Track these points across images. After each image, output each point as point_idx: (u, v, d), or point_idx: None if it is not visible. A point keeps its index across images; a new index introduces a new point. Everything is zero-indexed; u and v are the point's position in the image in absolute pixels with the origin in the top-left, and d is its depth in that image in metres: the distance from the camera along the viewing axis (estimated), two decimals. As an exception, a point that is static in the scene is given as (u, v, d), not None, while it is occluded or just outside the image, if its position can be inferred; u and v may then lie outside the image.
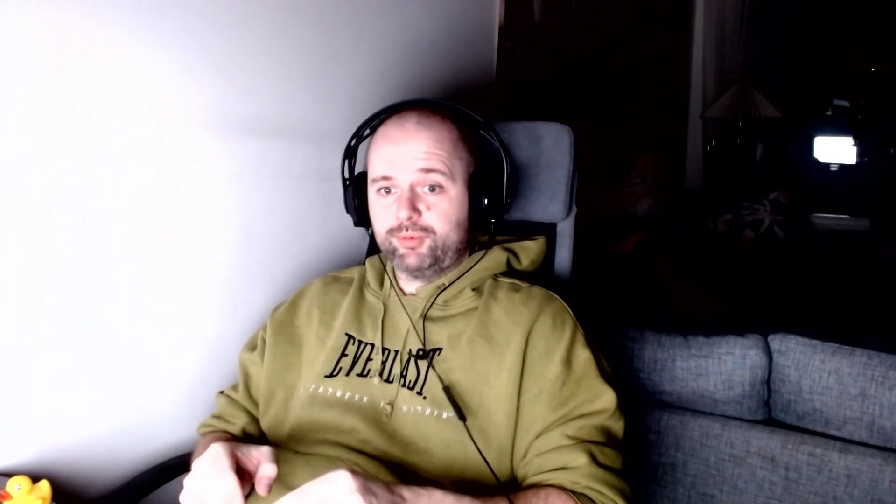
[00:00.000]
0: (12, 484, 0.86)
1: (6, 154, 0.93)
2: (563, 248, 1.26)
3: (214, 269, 1.23)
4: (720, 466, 1.25)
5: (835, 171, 5.41)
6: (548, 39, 2.48)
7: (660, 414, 1.32)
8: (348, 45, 1.43)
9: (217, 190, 1.22)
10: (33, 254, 0.98)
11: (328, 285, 1.16)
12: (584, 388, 0.96)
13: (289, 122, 1.33)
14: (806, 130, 5.55)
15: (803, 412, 1.22)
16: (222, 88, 1.19)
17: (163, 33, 1.09)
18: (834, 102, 5.76)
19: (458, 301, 1.05)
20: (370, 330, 1.07)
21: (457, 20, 1.78)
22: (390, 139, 1.02)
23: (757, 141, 4.12)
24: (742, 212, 3.08)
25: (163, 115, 1.11)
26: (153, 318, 1.14)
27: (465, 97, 1.77)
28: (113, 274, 1.07)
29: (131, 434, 1.13)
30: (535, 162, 1.24)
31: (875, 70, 5.49)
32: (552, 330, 0.99)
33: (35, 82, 0.95)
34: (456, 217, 1.03)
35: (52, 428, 1.03)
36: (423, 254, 1.02)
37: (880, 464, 1.14)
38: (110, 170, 1.05)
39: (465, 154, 1.04)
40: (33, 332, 0.99)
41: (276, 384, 1.08)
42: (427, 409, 0.97)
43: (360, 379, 1.02)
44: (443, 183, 1.01)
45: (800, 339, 1.22)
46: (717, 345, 1.27)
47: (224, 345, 1.24)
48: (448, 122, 1.04)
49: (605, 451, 0.92)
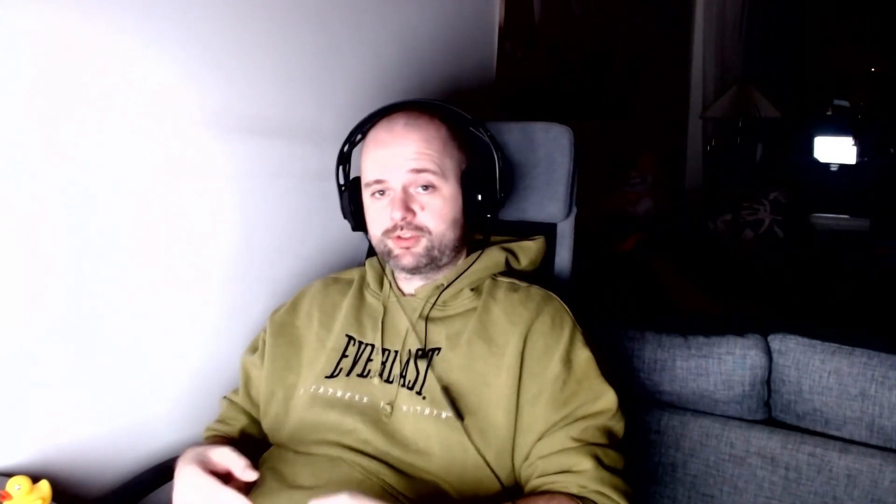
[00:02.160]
0: (12, 484, 0.86)
1: (5, 154, 0.93)
2: (562, 249, 1.26)
3: (214, 269, 1.23)
4: (720, 466, 1.25)
5: (835, 171, 5.41)
6: (548, 39, 2.48)
7: (660, 414, 1.32)
8: (348, 45, 1.43)
9: (217, 190, 1.22)
10: (33, 253, 0.98)
11: (328, 286, 1.16)
12: (586, 388, 0.96)
13: (289, 122, 1.33)
14: (806, 130, 5.55)
15: (803, 412, 1.22)
16: (222, 88, 1.20)
17: (163, 33, 1.09)
18: (834, 102, 5.76)
19: (457, 301, 1.05)
20: (370, 331, 1.07)
21: (457, 20, 1.78)
22: (380, 142, 1.02)
23: (757, 141, 4.12)
24: (742, 212, 3.08)
25: (163, 115, 1.11)
26: (153, 318, 1.14)
27: (464, 97, 1.77)
28: (113, 274, 1.07)
29: (131, 434, 1.13)
30: (535, 162, 1.24)
31: (875, 70, 5.50)
32: (551, 330, 0.99)
33: (35, 82, 0.95)
34: (451, 215, 1.03)
35: (52, 428, 1.03)
36: (419, 253, 1.02)
37: (880, 464, 1.14)
38: (110, 170, 1.05)
39: (455, 152, 1.04)
40: (33, 331, 0.99)
41: (276, 385, 1.08)
42: (427, 409, 0.97)
43: (360, 379, 1.02)
44: (435, 182, 1.01)
45: (800, 339, 1.22)
46: (717, 345, 1.27)
47: (224, 345, 1.24)
48: (437, 122, 1.04)
49: (608, 454, 0.93)
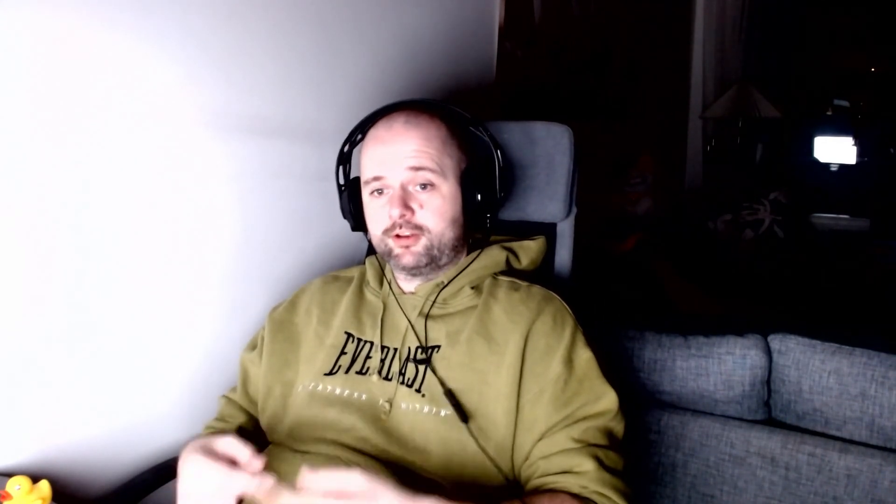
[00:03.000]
0: (12, 484, 0.86)
1: (5, 154, 0.93)
2: (563, 249, 1.26)
3: (214, 269, 1.23)
4: (720, 466, 1.25)
5: (835, 171, 5.42)
6: (548, 39, 2.48)
7: (660, 414, 1.32)
8: (348, 45, 1.43)
9: (217, 190, 1.22)
10: (33, 253, 0.98)
11: (327, 284, 1.16)
12: (587, 388, 0.96)
13: (289, 123, 1.33)
14: (806, 130, 5.55)
15: (803, 412, 1.22)
16: (222, 88, 1.19)
17: (163, 33, 1.09)
18: (834, 102, 5.76)
19: (457, 299, 1.05)
20: (369, 328, 1.07)
21: (457, 20, 1.78)
22: (379, 140, 1.03)
23: (757, 141, 4.12)
24: (742, 212, 3.08)
25: (163, 115, 1.11)
26: (153, 318, 1.14)
27: (464, 97, 1.77)
28: (113, 274, 1.07)
29: (131, 434, 1.13)
30: (535, 162, 1.24)
31: (875, 70, 5.50)
32: (552, 329, 0.99)
33: (35, 82, 0.95)
34: (450, 214, 1.03)
35: (52, 428, 1.03)
36: (419, 252, 1.02)
37: (880, 464, 1.14)
38: (110, 170, 1.05)
39: (455, 151, 1.04)
40: (33, 332, 0.99)
41: (274, 381, 1.08)
42: (426, 407, 0.97)
43: (358, 377, 1.02)
44: (433, 180, 1.01)
45: (800, 339, 1.22)
46: (717, 345, 1.27)
47: (224, 345, 1.24)
48: (436, 121, 1.04)
49: (609, 455, 0.93)
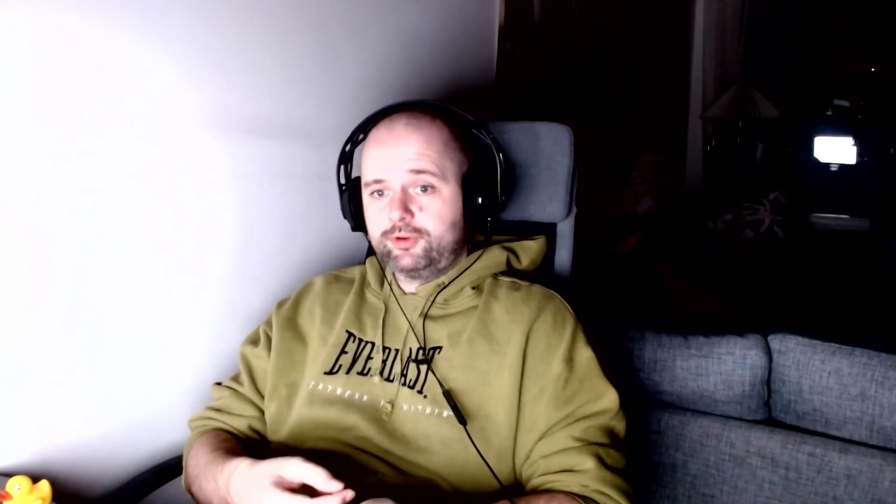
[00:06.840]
0: (12, 484, 0.86)
1: (5, 153, 0.93)
2: (563, 249, 1.26)
3: (214, 268, 1.23)
4: (720, 466, 1.25)
5: (835, 171, 5.42)
6: (548, 39, 2.48)
7: (660, 414, 1.31)
8: (348, 45, 1.43)
9: (217, 190, 1.22)
10: (33, 252, 0.98)
11: (330, 284, 1.16)
12: (588, 387, 0.96)
13: (289, 122, 1.33)
14: (806, 130, 5.55)
15: (803, 412, 1.22)
16: (222, 88, 1.19)
17: (163, 33, 1.09)
18: (834, 102, 5.76)
19: (458, 299, 1.05)
20: (371, 329, 1.07)
21: (457, 20, 1.78)
22: (380, 142, 1.02)
23: (757, 141, 4.12)
24: (742, 212, 3.08)
25: (163, 115, 1.11)
26: (153, 317, 1.14)
27: (465, 97, 1.77)
28: (112, 273, 1.07)
29: (131, 434, 1.13)
30: (535, 162, 1.24)
31: (875, 70, 5.49)
32: (553, 328, 0.99)
33: (35, 82, 0.95)
34: (450, 217, 1.02)
35: (52, 428, 1.03)
36: (418, 254, 1.01)
37: (880, 464, 1.14)
38: (110, 169, 1.05)
39: (456, 154, 1.04)
40: (33, 331, 0.99)
41: (279, 380, 1.07)
42: (428, 408, 0.97)
43: (360, 378, 1.02)
44: (434, 183, 1.00)
45: (800, 339, 1.22)
46: (717, 345, 1.27)
47: (224, 344, 1.24)
48: (438, 123, 1.03)
49: (610, 453, 0.93)
